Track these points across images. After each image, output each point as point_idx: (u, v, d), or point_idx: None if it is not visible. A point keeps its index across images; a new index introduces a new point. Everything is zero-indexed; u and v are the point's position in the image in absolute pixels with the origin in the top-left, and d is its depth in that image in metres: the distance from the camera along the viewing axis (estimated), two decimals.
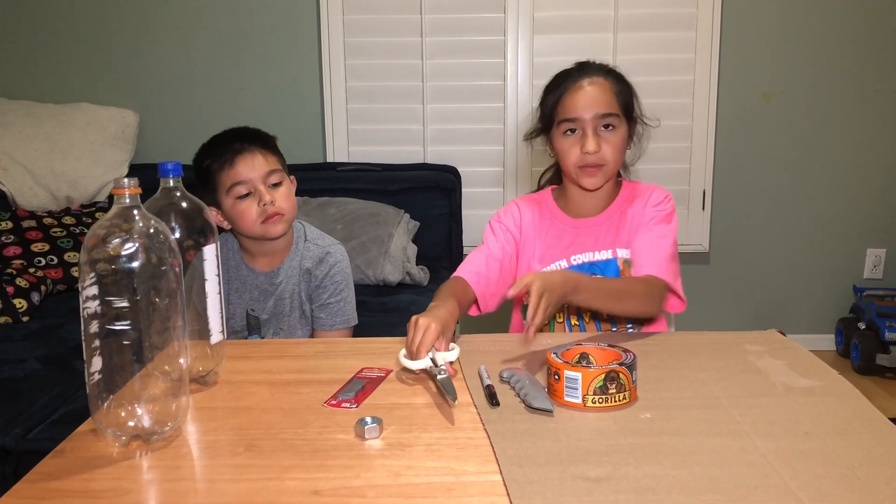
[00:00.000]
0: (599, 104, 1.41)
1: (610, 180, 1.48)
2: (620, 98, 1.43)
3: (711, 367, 1.15)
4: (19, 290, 2.28)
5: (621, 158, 1.47)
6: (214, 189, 1.57)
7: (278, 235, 1.60)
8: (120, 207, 0.90)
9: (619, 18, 2.89)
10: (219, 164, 1.55)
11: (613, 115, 1.42)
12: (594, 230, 1.49)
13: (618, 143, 1.43)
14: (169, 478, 0.85)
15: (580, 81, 1.43)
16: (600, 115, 1.41)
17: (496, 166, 3.01)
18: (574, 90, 1.43)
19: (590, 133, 1.41)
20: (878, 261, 3.11)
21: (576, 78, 1.44)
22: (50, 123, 2.81)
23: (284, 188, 1.60)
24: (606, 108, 1.41)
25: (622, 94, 1.44)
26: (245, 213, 1.56)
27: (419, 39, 2.93)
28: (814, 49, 2.94)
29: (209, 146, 1.61)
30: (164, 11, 2.95)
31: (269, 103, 2.99)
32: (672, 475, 0.82)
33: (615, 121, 1.42)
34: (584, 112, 1.41)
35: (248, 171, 1.55)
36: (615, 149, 1.43)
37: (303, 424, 0.97)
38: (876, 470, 0.83)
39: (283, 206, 1.57)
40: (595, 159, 1.41)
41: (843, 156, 3.02)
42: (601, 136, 1.42)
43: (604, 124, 1.41)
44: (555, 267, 1.47)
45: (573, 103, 1.42)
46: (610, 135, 1.42)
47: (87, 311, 0.87)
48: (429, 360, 1.10)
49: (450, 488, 0.81)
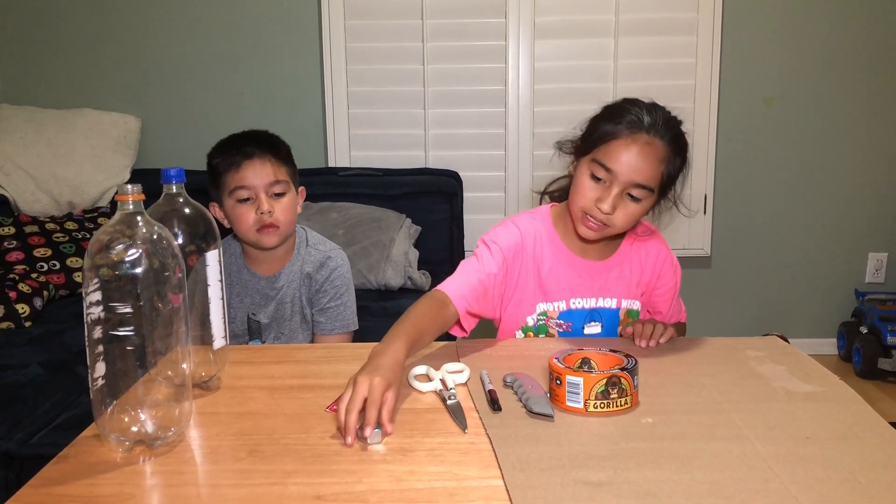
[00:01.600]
0: (640, 172, 1.27)
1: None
2: (666, 169, 1.30)
3: (713, 373, 1.15)
4: (22, 296, 2.28)
5: (631, 226, 1.37)
6: (219, 187, 1.58)
7: (271, 247, 1.60)
8: (123, 213, 0.90)
9: (620, 23, 2.90)
10: (226, 164, 1.56)
11: (647, 189, 1.29)
12: (600, 275, 1.42)
13: (635, 214, 1.32)
14: (172, 483, 0.85)
15: (638, 135, 1.28)
16: (634, 183, 1.28)
17: (498, 171, 3.02)
18: (627, 141, 1.28)
19: (613, 193, 1.29)
20: (879, 265, 3.11)
21: (637, 128, 1.29)
22: (52, 129, 2.82)
23: (287, 200, 1.59)
24: (644, 179, 1.28)
25: (671, 164, 1.31)
26: (242, 217, 1.56)
27: (420, 44, 2.93)
28: (815, 53, 2.94)
29: (223, 144, 1.61)
30: (166, 17, 2.96)
31: (270, 108, 3.00)
32: (673, 480, 0.82)
33: (645, 194, 1.30)
34: (621, 170, 1.27)
35: (253, 177, 1.55)
36: (628, 218, 1.32)
37: (305, 430, 0.97)
38: (877, 475, 0.83)
39: (280, 218, 1.56)
40: (603, 219, 1.31)
41: (844, 160, 3.03)
42: (622, 201, 1.30)
43: (631, 193, 1.29)
44: (553, 306, 1.40)
45: (617, 155, 1.28)
46: (632, 205, 1.30)
47: (91, 317, 0.88)
48: (438, 381, 1.10)
49: (452, 493, 0.81)
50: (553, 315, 1.41)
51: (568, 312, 1.41)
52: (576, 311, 1.41)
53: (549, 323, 1.41)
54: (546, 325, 1.42)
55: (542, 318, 1.41)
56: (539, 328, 1.42)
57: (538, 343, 1.34)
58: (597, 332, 1.42)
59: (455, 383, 1.10)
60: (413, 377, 1.13)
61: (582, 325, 1.41)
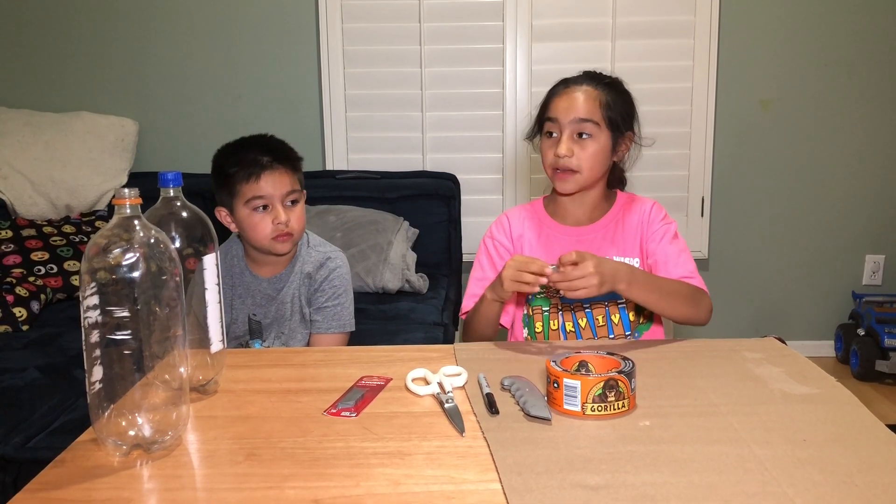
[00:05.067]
0: (578, 109, 1.42)
1: (587, 188, 1.48)
2: (607, 109, 1.43)
3: (710, 375, 1.15)
4: (19, 299, 2.28)
5: (599, 168, 1.46)
6: (232, 194, 1.58)
7: (284, 253, 1.64)
8: (120, 217, 0.90)
9: (618, 26, 2.90)
10: (244, 174, 1.56)
11: (591, 122, 1.42)
12: (590, 238, 1.50)
13: (594, 152, 1.43)
14: (169, 487, 0.85)
15: (571, 86, 1.45)
16: (577, 119, 1.41)
17: (495, 174, 3.02)
18: (562, 92, 1.45)
19: (564, 136, 1.42)
20: (876, 267, 3.12)
21: (569, 82, 1.47)
22: (49, 132, 2.82)
23: (300, 208, 1.63)
24: (585, 113, 1.41)
25: (612, 105, 1.43)
26: (258, 226, 1.58)
27: (418, 48, 2.94)
28: (811, 56, 2.95)
29: (236, 151, 1.60)
30: (163, 20, 2.96)
31: (268, 111, 3.00)
32: (670, 483, 0.82)
33: (592, 128, 1.42)
34: (562, 115, 1.42)
35: (271, 188, 1.57)
36: (590, 157, 1.42)
37: (303, 433, 0.97)
38: (874, 477, 0.83)
39: (295, 226, 1.60)
40: (566, 163, 1.42)
41: (842, 162, 3.03)
42: (576, 142, 1.42)
43: (579, 131, 1.42)
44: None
45: (556, 105, 1.44)
46: (587, 142, 1.42)
47: (88, 321, 0.88)
48: (436, 385, 1.10)
49: (449, 497, 0.81)
50: None
51: None
52: None
53: (550, 293, 1.45)
54: (547, 296, 1.46)
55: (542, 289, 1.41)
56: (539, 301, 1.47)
57: (536, 346, 1.34)
58: None
59: (452, 387, 1.10)
60: (410, 380, 1.13)
61: None
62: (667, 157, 2.95)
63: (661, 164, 2.92)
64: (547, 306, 1.48)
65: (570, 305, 1.47)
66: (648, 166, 2.80)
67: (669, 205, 2.98)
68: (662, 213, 1.51)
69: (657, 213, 1.50)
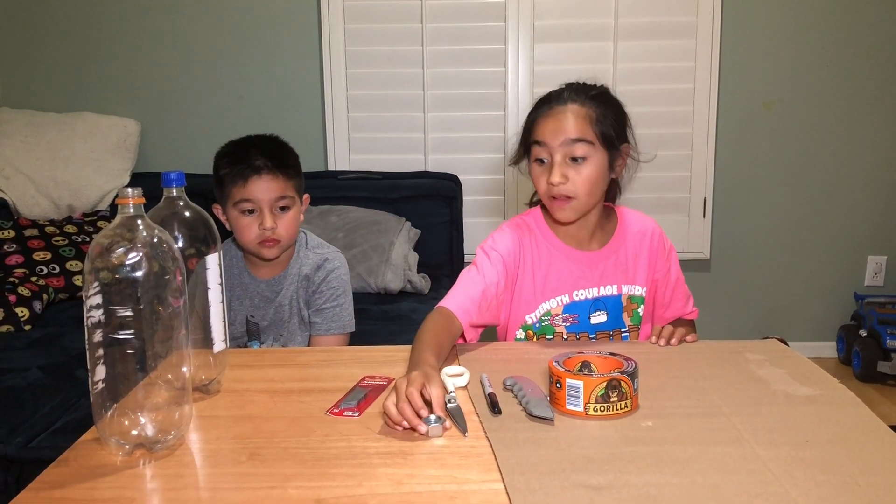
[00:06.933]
0: (567, 130, 1.30)
1: (588, 213, 1.39)
2: (598, 124, 1.32)
3: (712, 376, 1.15)
4: (21, 299, 2.28)
5: (598, 192, 1.36)
6: (224, 194, 1.59)
7: (271, 258, 1.61)
8: (123, 217, 0.90)
9: (620, 27, 2.90)
10: (232, 176, 1.55)
11: (583, 141, 1.30)
12: (598, 264, 1.42)
13: (590, 175, 1.32)
14: (172, 486, 0.85)
15: (555, 106, 1.33)
16: (567, 140, 1.30)
17: (497, 174, 3.02)
18: (547, 114, 1.33)
19: (556, 162, 1.31)
20: (878, 268, 3.12)
21: (552, 102, 1.34)
22: (52, 132, 2.82)
23: (291, 214, 1.59)
24: (575, 133, 1.30)
25: (602, 119, 1.32)
26: (245, 230, 1.57)
27: (420, 48, 2.94)
28: (814, 57, 2.95)
29: (232, 151, 1.60)
30: (166, 21, 2.97)
31: (270, 112, 3.00)
32: (673, 483, 0.82)
33: (585, 148, 1.31)
34: (550, 138, 1.31)
35: (259, 192, 1.55)
36: (587, 182, 1.32)
37: (305, 433, 0.97)
38: (876, 478, 0.83)
39: (282, 233, 1.57)
40: (561, 191, 1.32)
41: (844, 163, 3.03)
42: (569, 166, 1.32)
43: (571, 154, 1.31)
44: (556, 301, 1.41)
45: (542, 127, 1.33)
46: (582, 167, 1.32)
47: (91, 320, 0.88)
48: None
49: (452, 497, 0.81)
50: (558, 311, 1.41)
51: (572, 305, 1.41)
52: (579, 302, 1.42)
53: (555, 321, 1.42)
54: (552, 324, 1.42)
55: (545, 318, 1.41)
56: (543, 329, 1.43)
57: (538, 346, 1.34)
58: (602, 320, 1.43)
59: (455, 387, 1.10)
60: None
61: (588, 315, 1.42)
62: (669, 158, 2.94)
63: (663, 165, 2.92)
64: (550, 335, 1.43)
65: (577, 335, 1.43)
66: (650, 168, 2.78)
67: (671, 205, 3.01)
68: (667, 243, 1.48)
69: (661, 241, 1.46)
